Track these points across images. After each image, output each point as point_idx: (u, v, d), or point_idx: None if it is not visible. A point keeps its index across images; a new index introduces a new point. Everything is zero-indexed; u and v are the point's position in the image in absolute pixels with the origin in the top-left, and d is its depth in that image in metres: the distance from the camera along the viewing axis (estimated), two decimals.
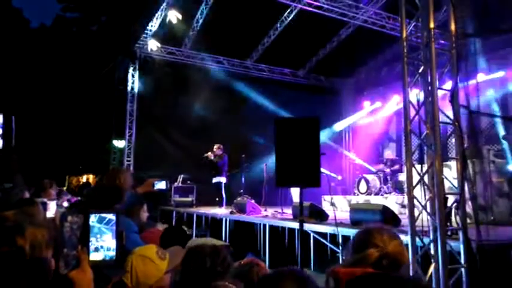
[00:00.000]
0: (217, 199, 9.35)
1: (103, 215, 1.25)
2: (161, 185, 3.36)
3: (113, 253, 1.25)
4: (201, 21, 10.02)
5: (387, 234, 1.57)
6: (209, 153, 9.21)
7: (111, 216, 1.26)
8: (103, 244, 1.24)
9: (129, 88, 10.96)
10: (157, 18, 9.79)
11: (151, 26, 10.08)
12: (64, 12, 22.45)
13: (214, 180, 9.25)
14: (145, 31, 10.34)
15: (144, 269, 1.62)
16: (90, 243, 1.23)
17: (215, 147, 9.29)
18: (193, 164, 10.86)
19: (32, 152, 14.80)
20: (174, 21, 9.33)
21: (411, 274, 3.19)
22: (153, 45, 10.37)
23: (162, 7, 9.39)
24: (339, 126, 13.11)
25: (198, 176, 10.42)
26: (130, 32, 11.16)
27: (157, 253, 1.69)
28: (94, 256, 1.24)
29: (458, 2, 3.81)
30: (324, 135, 11.19)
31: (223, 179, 9.19)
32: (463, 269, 3.40)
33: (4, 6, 20.00)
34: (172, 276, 1.64)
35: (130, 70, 10.99)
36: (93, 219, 1.24)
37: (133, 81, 11.01)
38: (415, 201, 3.54)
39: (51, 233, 1.22)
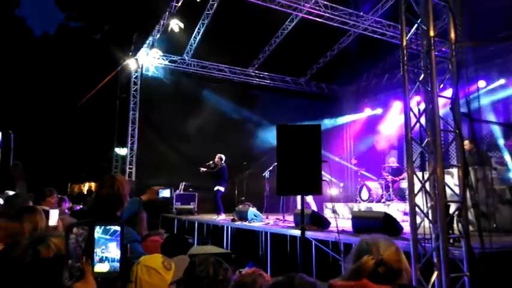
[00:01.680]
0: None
1: (108, 227, 1.26)
2: (166, 193, 3.33)
3: (117, 264, 1.25)
4: (202, 29, 10.10)
5: (382, 241, 1.56)
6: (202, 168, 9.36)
7: (116, 228, 1.27)
8: (108, 255, 1.25)
9: (131, 96, 11.02)
10: (159, 27, 9.88)
11: (154, 34, 10.16)
12: (67, 21, 22.70)
13: (214, 188, 9.33)
14: (148, 39, 10.43)
15: (149, 280, 1.60)
16: (95, 254, 1.24)
17: (216, 157, 9.40)
18: (194, 171, 10.88)
19: (35, 159, 14.84)
20: (176, 30, 9.41)
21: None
22: (155, 53, 10.46)
23: (164, 16, 9.48)
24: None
25: (199, 184, 10.43)
26: (133, 41, 11.26)
27: (163, 263, 1.66)
28: (99, 267, 1.24)
29: (457, 10, 3.84)
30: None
31: (221, 188, 9.25)
32: (466, 278, 3.38)
33: (7, 15, 20.20)
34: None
35: (133, 78, 11.07)
36: (98, 230, 1.25)
37: (136, 89, 11.08)
38: (417, 209, 3.53)
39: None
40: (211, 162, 9.33)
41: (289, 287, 1.33)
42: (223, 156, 9.31)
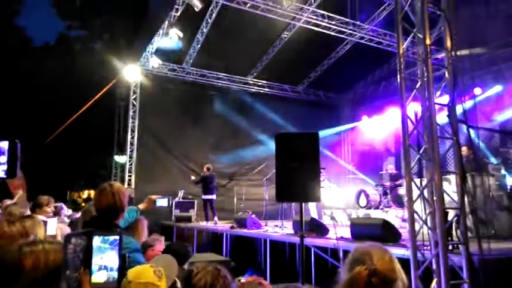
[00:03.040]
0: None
1: (106, 236, 1.26)
2: (163, 202, 3.23)
3: (115, 274, 1.25)
4: (201, 38, 10.18)
5: (376, 250, 1.53)
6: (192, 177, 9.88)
7: (115, 237, 1.27)
8: (107, 264, 1.24)
9: (131, 104, 11.05)
10: (159, 36, 9.95)
11: (153, 43, 10.23)
12: (68, 30, 22.79)
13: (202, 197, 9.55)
14: (147, 48, 10.49)
15: None
16: (93, 264, 1.24)
17: (204, 168, 9.56)
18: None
19: (34, 167, 14.81)
20: (176, 39, 9.49)
21: None
22: (154, 62, 10.51)
23: (164, 25, 9.55)
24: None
25: (198, 191, 10.44)
26: (133, 49, 11.31)
27: (155, 273, 1.62)
28: (97, 277, 1.23)
29: (453, 19, 3.89)
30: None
31: (207, 196, 9.37)
32: (465, 285, 3.38)
33: (7, 24, 20.28)
34: None
35: (133, 86, 11.11)
36: (96, 239, 1.25)
37: (135, 98, 11.11)
38: (416, 216, 3.54)
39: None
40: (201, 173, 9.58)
41: None
42: (210, 166, 9.50)
